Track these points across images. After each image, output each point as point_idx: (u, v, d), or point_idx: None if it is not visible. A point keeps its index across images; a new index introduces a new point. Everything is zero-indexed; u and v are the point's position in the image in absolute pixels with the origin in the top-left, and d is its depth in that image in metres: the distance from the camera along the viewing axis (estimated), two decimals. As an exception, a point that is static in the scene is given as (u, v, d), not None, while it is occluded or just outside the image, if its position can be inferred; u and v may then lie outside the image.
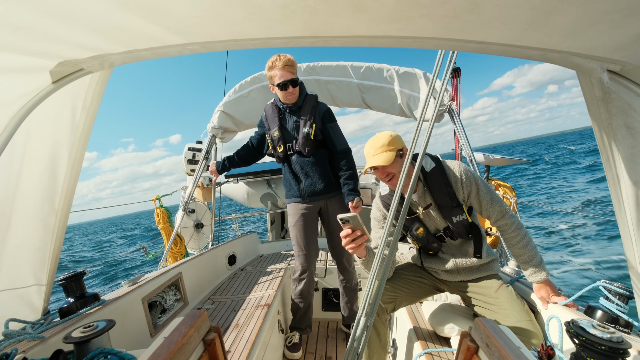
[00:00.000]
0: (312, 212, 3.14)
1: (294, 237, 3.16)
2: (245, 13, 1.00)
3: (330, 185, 3.06)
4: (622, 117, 1.30)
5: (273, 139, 3.05)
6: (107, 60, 1.33)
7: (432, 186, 2.11)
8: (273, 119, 3.04)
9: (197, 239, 4.42)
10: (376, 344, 2.14)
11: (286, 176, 3.15)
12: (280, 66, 2.75)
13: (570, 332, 1.24)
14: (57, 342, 1.60)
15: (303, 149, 2.94)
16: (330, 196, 3.10)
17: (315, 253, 3.21)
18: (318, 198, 3.08)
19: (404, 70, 3.99)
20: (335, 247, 3.25)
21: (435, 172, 2.10)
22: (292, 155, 3.04)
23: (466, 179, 2.06)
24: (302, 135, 2.91)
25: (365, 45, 1.19)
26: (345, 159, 3.01)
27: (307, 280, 3.16)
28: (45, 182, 1.76)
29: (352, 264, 3.37)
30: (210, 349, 1.25)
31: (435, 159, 2.15)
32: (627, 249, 1.53)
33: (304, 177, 3.04)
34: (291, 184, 3.12)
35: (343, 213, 1.76)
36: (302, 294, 3.20)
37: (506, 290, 2.02)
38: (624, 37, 1.02)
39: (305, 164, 2.99)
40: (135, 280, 2.41)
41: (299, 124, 2.96)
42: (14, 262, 1.74)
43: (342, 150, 3.01)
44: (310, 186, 3.03)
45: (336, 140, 3.00)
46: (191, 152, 4.45)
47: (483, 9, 0.93)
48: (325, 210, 3.16)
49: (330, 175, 3.06)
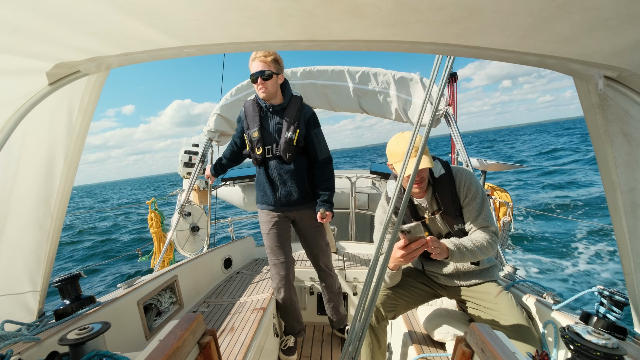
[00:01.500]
0: (284, 221, 3.08)
1: (268, 247, 3.09)
2: (243, 17, 0.99)
3: (306, 196, 2.97)
4: (618, 124, 1.30)
5: (252, 140, 2.87)
6: (104, 62, 1.33)
7: (440, 193, 2.11)
8: (253, 117, 2.87)
9: (193, 242, 4.41)
10: (377, 351, 2.14)
11: (260, 180, 3.03)
12: (256, 58, 2.64)
13: (566, 338, 1.23)
14: (52, 344, 1.59)
15: (284, 154, 2.80)
16: (304, 207, 3.01)
17: (292, 259, 3.17)
18: (292, 208, 3.00)
19: (400, 75, 3.99)
20: (316, 255, 3.21)
21: (444, 178, 2.10)
22: (271, 160, 2.89)
23: (468, 183, 2.07)
24: (285, 140, 2.78)
25: (363, 49, 1.20)
26: (326, 169, 2.94)
27: (286, 288, 3.12)
28: (41, 185, 1.75)
29: (332, 269, 3.34)
30: (205, 352, 1.25)
31: (445, 164, 2.15)
32: (623, 255, 1.54)
33: (280, 184, 2.94)
34: (265, 190, 3.00)
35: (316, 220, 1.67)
36: (286, 302, 3.17)
37: (506, 297, 2.02)
38: (621, 43, 1.03)
39: (284, 172, 2.89)
40: (130, 283, 2.40)
41: (281, 126, 2.81)
42: (9, 264, 1.73)
43: (323, 159, 2.92)
44: (286, 196, 2.94)
45: (319, 148, 2.90)
46: (187, 155, 4.44)
47: (481, 15, 0.93)
48: (299, 220, 3.10)
49: (307, 186, 2.96)
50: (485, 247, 1.97)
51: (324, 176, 2.93)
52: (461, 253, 1.93)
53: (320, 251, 3.20)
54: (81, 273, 2.00)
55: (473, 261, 2.02)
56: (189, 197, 4.05)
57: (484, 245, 1.97)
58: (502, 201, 4.43)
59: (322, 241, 3.19)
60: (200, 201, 4.56)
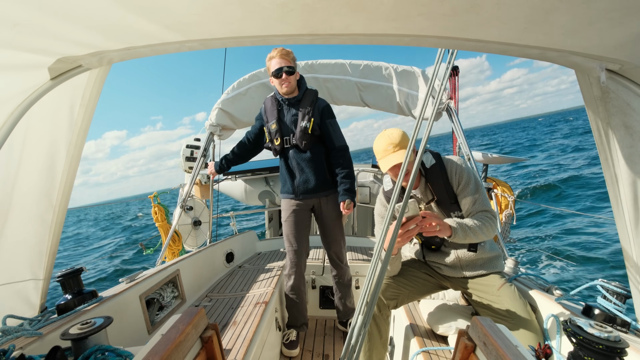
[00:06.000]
0: (304, 209, 3.14)
1: (285, 233, 3.17)
2: (244, 11, 0.99)
3: (325, 184, 3.05)
4: (620, 117, 1.30)
5: (271, 132, 3.02)
6: (106, 57, 1.33)
7: (433, 182, 2.12)
8: (272, 111, 3.02)
9: (194, 236, 4.41)
10: (377, 340, 2.14)
11: (282, 171, 3.14)
12: (276, 56, 2.77)
13: (568, 331, 1.24)
14: (54, 338, 1.59)
15: (300, 142, 2.92)
16: (324, 194, 3.08)
17: (305, 249, 3.21)
18: (311, 196, 3.07)
19: (402, 68, 3.97)
20: (329, 244, 3.25)
21: (435, 168, 2.12)
22: (289, 150, 3.02)
23: (459, 170, 2.09)
24: (300, 129, 2.89)
25: (364, 43, 1.19)
26: (343, 157, 3.00)
27: (296, 275, 3.18)
28: (43, 179, 1.76)
29: (344, 260, 3.37)
30: (208, 346, 1.25)
31: (436, 155, 2.16)
32: (625, 247, 1.54)
33: (299, 173, 3.02)
34: (286, 180, 3.11)
35: (337, 211, 1.70)
36: (294, 289, 3.21)
37: (509, 289, 2.01)
38: (623, 36, 1.02)
39: (302, 160, 2.98)
40: (133, 277, 2.41)
41: (297, 117, 2.94)
42: (11, 258, 1.74)
43: (339, 147, 2.99)
44: (303, 183, 3.01)
45: (334, 136, 2.98)
46: (189, 149, 4.44)
47: (482, 7, 0.93)
48: (318, 208, 3.15)
49: (326, 173, 3.04)
50: (486, 226, 1.98)
51: (342, 164, 3.00)
52: (463, 231, 1.94)
53: (334, 241, 3.23)
54: (83, 267, 2.01)
55: (476, 241, 2.03)
56: (191, 191, 4.05)
57: (484, 225, 1.98)
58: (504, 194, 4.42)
59: (338, 231, 3.23)
60: (202, 195, 4.56)
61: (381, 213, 2.34)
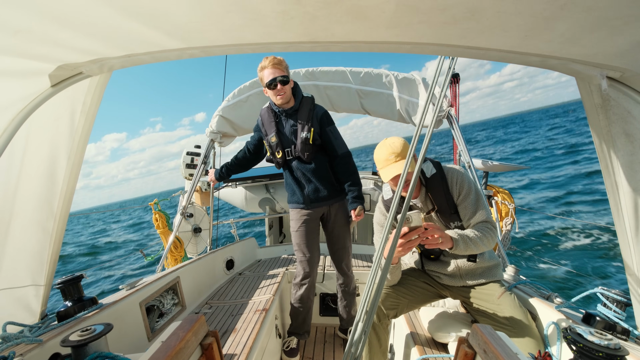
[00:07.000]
0: (314, 218, 3.11)
1: (297, 243, 3.13)
2: (245, 19, 1.00)
3: (334, 191, 3.03)
4: (621, 124, 1.30)
5: (271, 145, 2.96)
6: (106, 64, 1.34)
7: (433, 191, 2.11)
8: (269, 123, 2.95)
9: (195, 243, 4.41)
10: (376, 348, 2.13)
11: (288, 181, 3.10)
12: (268, 65, 2.70)
13: (568, 339, 1.23)
14: (54, 345, 1.59)
15: (302, 154, 2.87)
16: (334, 202, 3.06)
17: (317, 259, 3.19)
18: (322, 204, 3.04)
19: (402, 75, 3.98)
20: (336, 252, 3.23)
21: (435, 177, 2.11)
22: (292, 161, 2.97)
23: (460, 180, 2.09)
24: (301, 140, 2.84)
25: (365, 50, 1.20)
26: (347, 164, 2.97)
27: (308, 285, 3.14)
28: (44, 186, 1.75)
29: (350, 269, 3.35)
30: (208, 353, 1.25)
31: (436, 164, 2.15)
32: (625, 255, 1.53)
33: (306, 183, 2.99)
34: (294, 190, 3.07)
35: (346, 218, 1.70)
36: (302, 299, 3.18)
37: (509, 297, 2.01)
38: (624, 43, 1.03)
39: (307, 171, 2.94)
40: (133, 284, 2.40)
41: (296, 128, 2.88)
42: (12, 265, 1.73)
43: (342, 154, 2.96)
44: (314, 192, 2.98)
45: (336, 144, 2.95)
46: (189, 156, 4.44)
47: (483, 15, 0.93)
48: (327, 215, 3.13)
49: (332, 181, 3.02)
50: (487, 237, 1.98)
51: (347, 171, 2.98)
52: (465, 242, 1.93)
53: (343, 248, 3.21)
54: (83, 274, 2.00)
55: (477, 252, 2.02)
56: (191, 199, 4.04)
57: (484, 236, 1.98)
58: (504, 202, 4.42)
59: (346, 239, 3.22)
60: (203, 202, 4.56)
61: (380, 222, 2.33)
